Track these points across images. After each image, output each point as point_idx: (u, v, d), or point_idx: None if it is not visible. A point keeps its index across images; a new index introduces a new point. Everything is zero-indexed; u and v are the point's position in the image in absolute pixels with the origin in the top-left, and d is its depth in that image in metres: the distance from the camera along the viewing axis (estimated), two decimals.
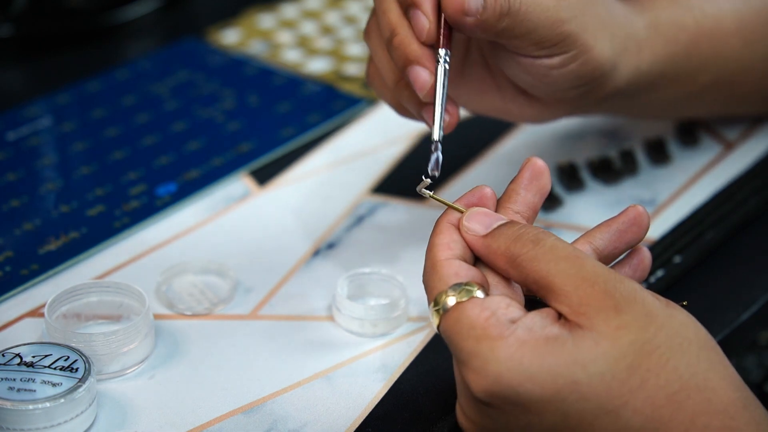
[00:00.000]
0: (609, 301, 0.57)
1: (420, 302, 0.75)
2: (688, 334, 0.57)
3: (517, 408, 0.57)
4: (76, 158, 0.88)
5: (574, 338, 0.57)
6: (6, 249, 0.78)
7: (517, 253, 0.60)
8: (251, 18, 1.07)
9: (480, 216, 0.64)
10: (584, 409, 0.56)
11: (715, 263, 0.78)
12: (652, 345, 0.57)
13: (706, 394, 0.56)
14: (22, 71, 1.02)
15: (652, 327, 0.57)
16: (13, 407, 0.62)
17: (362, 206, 0.84)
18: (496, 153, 0.89)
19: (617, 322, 0.57)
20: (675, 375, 0.56)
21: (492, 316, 0.58)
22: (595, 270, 0.58)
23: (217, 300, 0.75)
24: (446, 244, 0.63)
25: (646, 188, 0.85)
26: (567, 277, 0.58)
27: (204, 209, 0.83)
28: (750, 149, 0.89)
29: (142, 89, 0.97)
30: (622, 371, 0.56)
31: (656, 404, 0.56)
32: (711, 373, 0.57)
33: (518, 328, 0.57)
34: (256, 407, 0.67)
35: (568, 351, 0.56)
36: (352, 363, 0.70)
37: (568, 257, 0.59)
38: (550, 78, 0.73)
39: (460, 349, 0.58)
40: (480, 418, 0.60)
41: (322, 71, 1.00)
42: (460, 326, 0.58)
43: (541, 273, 0.59)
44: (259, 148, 0.89)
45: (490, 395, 0.57)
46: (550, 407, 0.57)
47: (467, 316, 0.58)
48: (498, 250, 0.61)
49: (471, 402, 0.60)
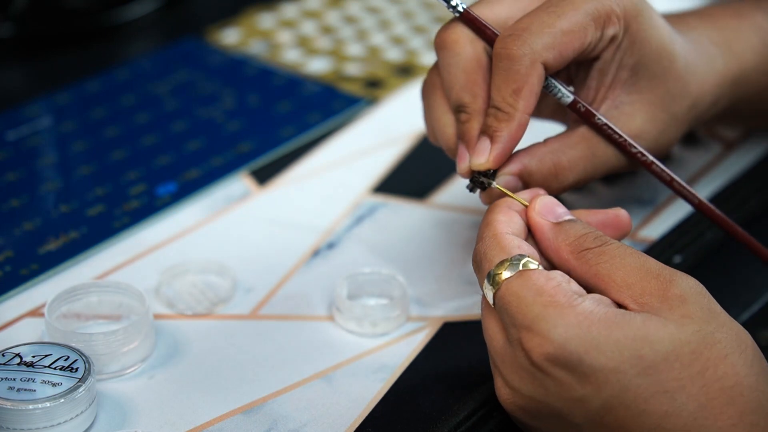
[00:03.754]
0: (674, 291, 0.59)
1: (420, 302, 0.75)
2: (746, 339, 0.59)
3: (577, 378, 0.58)
4: (76, 158, 0.88)
5: (643, 318, 0.58)
6: (6, 249, 0.78)
7: (585, 247, 0.63)
8: (251, 18, 1.07)
9: (552, 205, 0.66)
10: (642, 385, 0.57)
11: (715, 263, 0.78)
12: (714, 338, 0.58)
13: (757, 395, 0.57)
14: (22, 71, 1.02)
15: (714, 322, 0.59)
16: (13, 407, 0.62)
17: (362, 206, 0.84)
18: None
19: (682, 311, 0.59)
20: (732, 371, 0.57)
21: (559, 285, 0.60)
22: (659, 265, 0.61)
23: (217, 300, 0.75)
24: (506, 222, 0.65)
25: (646, 188, 0.85)
26: (631, 270, 0.61)
27: (204, 209, 0.83)
28: (750, 149, 0.89)
29: (142, 89, 0.97)
30: (686, 355, 0.57)
31: (710, 395, 0.57)
32: (763, 377, 0.58)
33: (586, 300, 0.59)
34: (256, 407, 0.67)
35: (637, 326, 0.58)
36: (352, 363, 0.70)
37: (633, 254, 0.62)
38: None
39: (523, 313, 0.59)
40: (532, 388, 0.60)
41: (322, 71, 1.00)
42: (525, 291, 0.60)
43: (605, 266, 0.61)
44: (259, 148, 0.89)
45: (552, 360, 0.58)
46: (611, 378, 0.57)
47: (534, 283, 0.60)
48: (566, 241, 0.64)
49: (524, 371, 0.60)
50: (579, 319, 0.58)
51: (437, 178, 0.86)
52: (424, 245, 0.80)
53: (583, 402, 0.58)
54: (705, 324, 0.58)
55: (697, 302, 0.59)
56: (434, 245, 0.80)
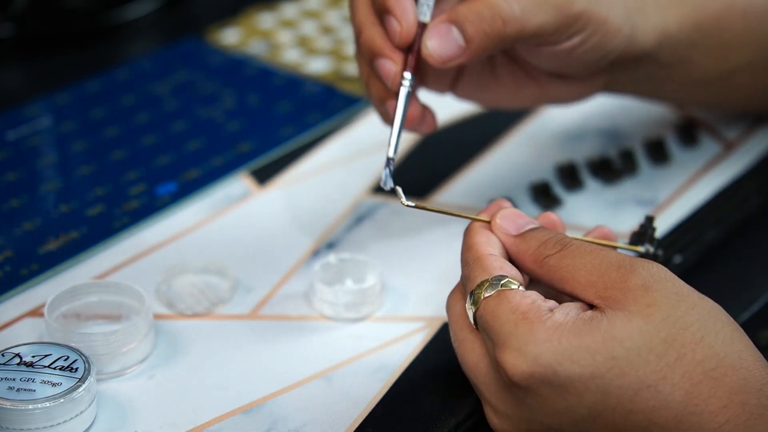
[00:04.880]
0: (636, 280, 0.59)
1: (418, 302, 0.75)
2: (720, 316, 0.59)
3: (555, 390, 0.58)
4: (76, 158, 0.88)
5: (608, 317, 0.58)
6: (6, 249, 0.78)
7: (545, 254, 0.62)
8: (251, 18, 1.07)
9: (513, 216, 0.65)
10: (623, 385, 0.57)
11: (715, 263, 0.78)
12: (684, 322, 0.57)
13: (742, 372, 0.57)
14: (22, 71, 1.02)
15: (683, 305, 0.58)
16: (13, 407, 0.62)
17: (362, 206, 0.84)
18: (495, 153, 0.89)
19: (647, 300, 0.58)
20: (711, 352, 0.57)
21: (533, 303, 0.59)
22: (619, 257, 0.60)
23: (217, 300, 0.75)
24: (486, 242, 0.65)
25: (646, 188, 0.85)
26: (592, 267, 0.60)
27: (204, 209, 0.83)
28: (750, 149, 0.89)
29: (142, 89, 0.97)
30: (658, 345, 0.57)
31: (694, 380, 0.56)
32: (745, 353, 0.57)
33: (555, 314, 0.59)
34: (256, 407, 0.67)
35: (604, 328, 0.57)
36: (352, 363, 0.70)
37: (592, 251, 0.61)
38: (575, 57, 0.73)
39: (497, 332, 0.59)
40: (516, 410, 0.60)
41: (322, 71, 1.00)
42: (500, 310, 0.60)
43: (568, 269, 0.61)
44: (259, 148, 0.89)
45: (528, 377, 0.58)
46: (590, 385, 0.57)
47: (508, 301, 0.60)
48: (527, 251, 0.63)
49: (505, 393, 0.60)
50: (549, 333, 0.58)
51: (437, 178, 0.86)
52: (424, 245, 0.80)
53: (569, 413, 0.58)
54: (673, 309, 0.58)
55: (661, 288, 0.58)
56: (434, 245, 0.80)
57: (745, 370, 0.57)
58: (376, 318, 0.74)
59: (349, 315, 0.73)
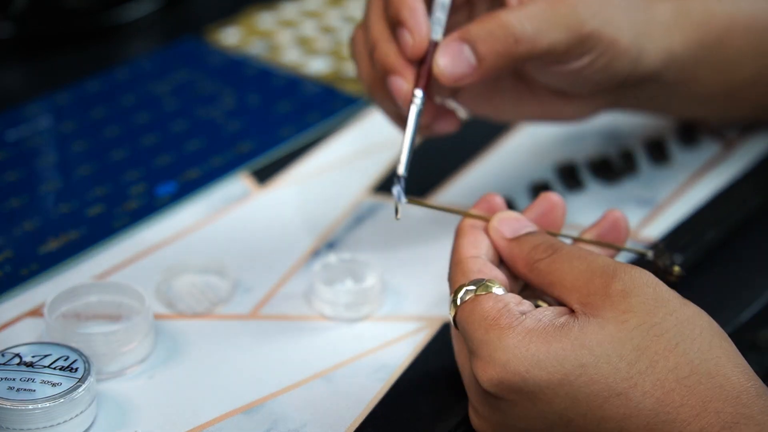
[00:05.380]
0: (616, 286, 0.58)
1: (418, 302, 0.75)
2: (700, 322, 0.58)
3: (525, 397, 0.58)
4: (76, 158, 0.88)
5: (580, 324, 0.58)
6: (6, 249, 0.78)
7: (536, 258, 0.62)
8: (251, 18, 1.07)
9: (511, 221, 0.65)
10: (593, 393, 0.56)
11: (715, 263, 0.78)
12: (660, 328, 0.57)
13: (718, 380, 0.56)
14: (22, 71, 1.02)
15: (660, 311, 0.57)
16: (13, 407, 0.62)
17: (362, 206, 0.84)
18: (495, 153, 0.89)
19: (624, 306, 0.58)
20: (685, 359, 0.56)
21: (504, 308, 0.59)
22: (605, 262, 0.60)
23: (217, 300, 0.75)
24: (471, 243, 0.64)
25: (646, 188, 0.85)
26: (579, 273, 0.60)
27: (204, 209, 0.83)
28: (750, 149, 0.89)
29: (142, 89, 0.97)
30: (629, 353, 0.56)
31: (666, 387, 0.56)
32: (723, 360, 0.57)
33: (527, 319, 0.58)
34: (256, 407, 0.67)
35: (575, 335, 0.57)
36: (352, 363, 0.70)
37: (580, 256, 0.61)
38: (583, 77, 0.73)
39: (471, 339, 0.59)
40: (492, 414, 0.60)
41: (322, 71, 1.00)
42: (473, 317, 0.59)
43: (555, 274, 0.61)
44: (259, 148, 0.89)
45: (498, 384, 0.58)
46: (559, 392, 0.57)
47: (481, 308, 0.59)
48: (520, 255, 0.63)
49: (481, 397, 0.60)
50: (518, 339, 0.57)
51: (437, 178, 0.86)
52: (424, 245, 0.80)
53: (541, 419, 0.58)
54: (649, 316, 0.57)
55: (641, 294, 0.58)
56: (434, 245, 0.80)
57: (722, 377, 0.56)
58: (376, 318, 0.74)
59: (349, 315, 0.73)
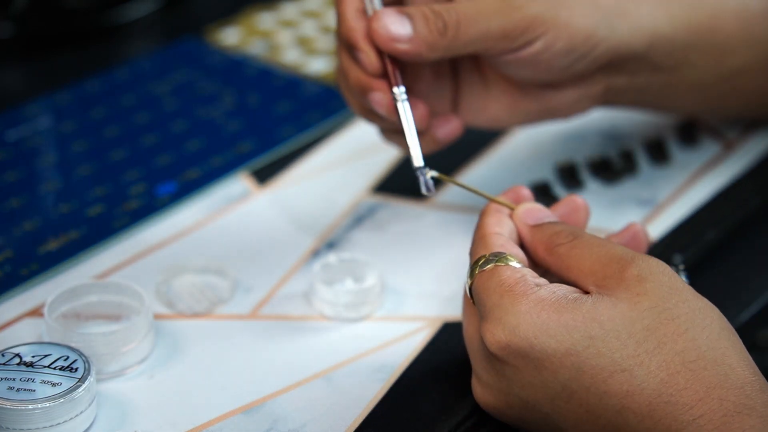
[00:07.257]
0: (633, 271, 0.59)
1: (418, 302, 0.75)
2: (711, 314, 0.59)
3: (531, 364, 0.59)
4: (76, 158, 0.88)
5: (594, 300, 0.59)
6: (6, 249, 0.78)
7: (557, 243, 0.64)
8: (251, 18, 1.07)
9: (535, 212, 0.67)
10: (598, 365, 0.57)
11: (715, 263, 0.78)
12: (671, 313, 0.58)
13: (724, 368, 0.57)
14: (22, 71, 1.02)
15: (674, 298, 0.58)
16: (13, 407, 0.62)
17: (362, 206, 0.84)
18: (495, 153, 0.89)
19: (638, 289, 0.59)
20: (692, 344, 0.57)
21: (522, 278, 0.61)
22: (624, 250, 0.61)
23: (217, 300, 0.75)
24: (496, 222, 0.66)
25: (646, 188, 0.85)
26: (597, 258, 0.61)
27: (204, 209, 0.83)
28: (750, 149, 0.89)
29: (142, 89, 0.97)
30: (639, 331, 0.57)
31: (671, 369, 0.57)
32: (730, 351, 0.57)
33: (542, 290, 0.60)
34: (256, 407, 0.67)
35: (586, 309, 0.58)
36: (352, 363, 0.70)
37: (600, 244, 0.62)
38: (545, 63, 0.73)
39: (484, 304, 0.61)
40: (496, 381, 0.61)
41: (321, 71, 1.00)
42: (490, 283, 0.61)
43: (574, 258, 0.62)
44: (258, 148, 0.89)
45: (505, 347, 0.59)
46: (565, 362, 0.58)
47: (499, 275, 0.61)
48: (541, 239, 0.65)
49: (487, 362, 0.61)
50: (530, 306, 0.59)
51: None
52: (424, 245, 0.80)
53: (544, 388, 0.59)
54: (662, 301, 0.58)
55: (656, 280, 0.59)
56: (434, 245, 0.80)
57: (727, 366, 0.57)
58: (376, 318, 0.74)
59: (349, 315, 0.73)
